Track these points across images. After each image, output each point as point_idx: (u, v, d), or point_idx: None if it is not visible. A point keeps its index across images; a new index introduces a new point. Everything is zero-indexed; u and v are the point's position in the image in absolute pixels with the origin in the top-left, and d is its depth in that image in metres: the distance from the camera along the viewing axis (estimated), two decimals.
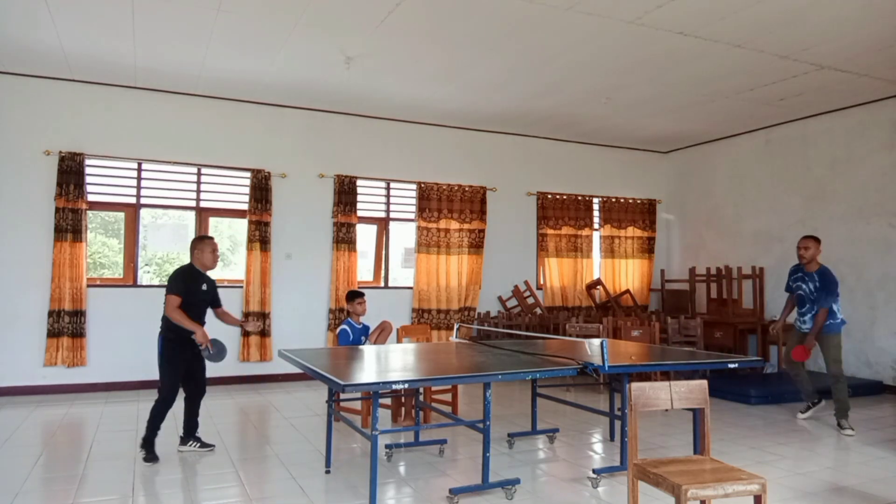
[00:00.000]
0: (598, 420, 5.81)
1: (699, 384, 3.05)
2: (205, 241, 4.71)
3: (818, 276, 5.72)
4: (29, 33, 5.72)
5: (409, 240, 9.04)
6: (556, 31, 5.52)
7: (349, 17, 5.31)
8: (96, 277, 7.50)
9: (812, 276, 5.76)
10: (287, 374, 7.66)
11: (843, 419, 5.54)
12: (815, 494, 3.87)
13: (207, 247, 4.68)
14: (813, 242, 5.79)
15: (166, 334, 4.55)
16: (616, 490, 3.94)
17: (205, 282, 4.68)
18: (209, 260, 4.68)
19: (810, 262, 5.78)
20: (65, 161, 6.85)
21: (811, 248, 5.77)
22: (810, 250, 5.76)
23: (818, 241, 5.82)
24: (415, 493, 3.88)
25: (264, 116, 7.87)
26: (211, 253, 4.68)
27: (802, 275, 5.85)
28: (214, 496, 3.77)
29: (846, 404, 5.57)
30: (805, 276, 5.83)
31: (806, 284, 5.80)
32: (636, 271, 10.02)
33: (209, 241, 4.73)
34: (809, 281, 5.77)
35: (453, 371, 3.74)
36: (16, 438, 5.01)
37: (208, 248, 4.68)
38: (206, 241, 4.72)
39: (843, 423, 5.51)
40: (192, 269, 4.65)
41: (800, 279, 5.87)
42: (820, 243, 5.83)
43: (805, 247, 5.79)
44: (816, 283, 5.70)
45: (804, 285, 5.81)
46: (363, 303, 5.77)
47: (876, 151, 7.51)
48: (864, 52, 5.95)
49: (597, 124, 8.75)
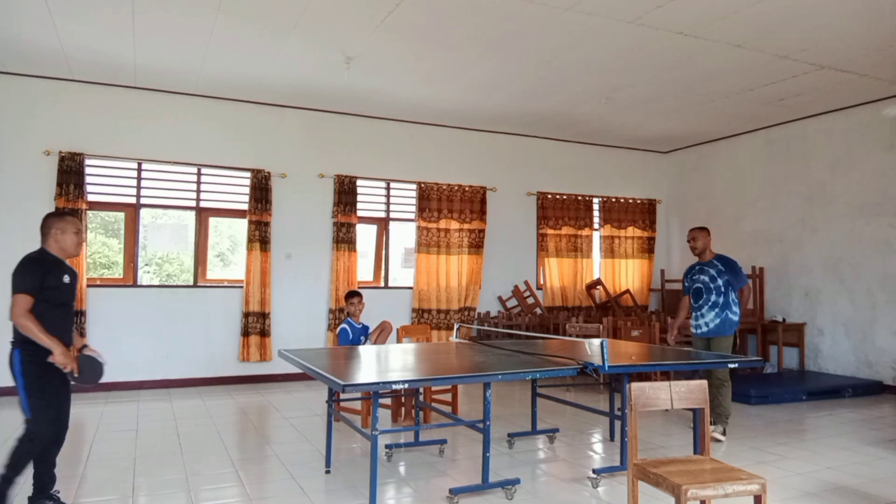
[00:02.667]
0: (598, 420, 5.81)
1: (699, 384, 3.05)
2: (66, 218, 3.52)
3: (718, 261, 5.40)
4: (29, 33, 5.72)
5: (409, 240, 9.04)
6: (556, 31, 5.52)
7: (349, 17, 5.31)
8: (96, 277, 7.50)
9: (710, 264, 5.42)
10: (287, 374, 7.66)
11: (723, 423, 5.20)
12: (815, 494, 3.87)
13: (70, 226, 3.49)
14: (700, 233, 5.48)
15: (23, 347, 3.27)
16: (616, 490, 3.94)
17: (66, 273, 3.48)
18: (71, 244, 3.49)
19: (703, 253, 5.46)
20: (65, 161, 6.85)
21: (699, 238, 5.46)
22: (698, 241, 5.45)
23: (706, 230, 5.51)
24: (415, 493, 3.88)
25: (264, 116, 7.87)
26: (75, 234, 3.50)
27: (700, 268, 5.49)
28: (214, 496, 3.77)
29: (728, 410, 5.23)
30: (702, 267, 5.47)
31: (704, 275, 5.42)
32: (636, 271, 10.01)
33: (71, 219, 3.53)
34: (709, 269, 5.40)
35: (453, 371, 3.74)
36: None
37: (71, 228, 3.48)
38: (68, 218, 3.53)
39: (716, 429, 5.17)
40: (46, 256, 3.45)
41: (697, 272, 5.51)
42: (709, 233, 5.52)
43: (692, 237, 5.49)
44: (719, 268, 5.36)
45: (702, 276, 5.44)
46: (361, 302, 5.77)
47: (876, 151, 7.51)
48: (864, 52, 5.95)
49: (597, 124, 8.75)
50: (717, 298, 5.34)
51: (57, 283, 3.39)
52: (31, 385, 3.27)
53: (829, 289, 7.96)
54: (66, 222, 3.49)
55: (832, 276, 7.93)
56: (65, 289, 3.45)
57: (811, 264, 8.20)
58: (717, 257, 5.46)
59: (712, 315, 5.35)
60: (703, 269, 5.46)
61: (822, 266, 8.07)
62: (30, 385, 3.26)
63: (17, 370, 3.27)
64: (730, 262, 5.41)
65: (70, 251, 3.51)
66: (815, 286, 8.14)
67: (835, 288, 7.90)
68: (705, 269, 5.44)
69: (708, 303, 5.38)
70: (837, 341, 7.85)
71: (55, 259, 3.48)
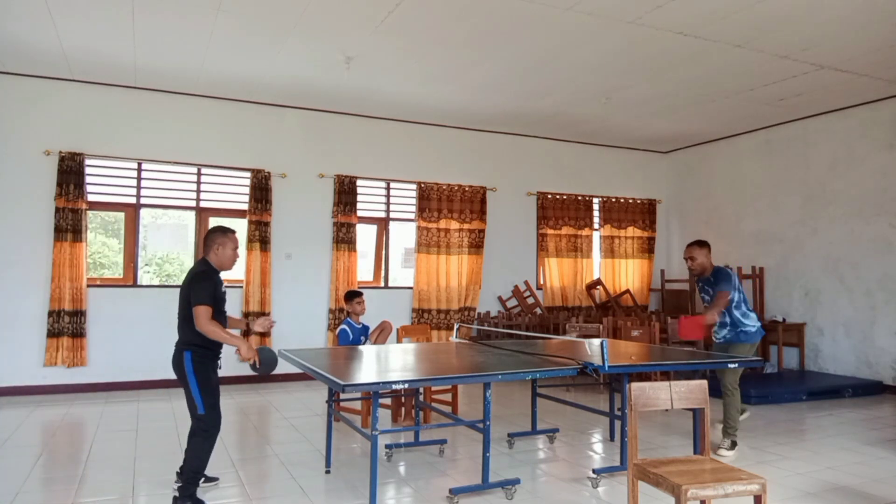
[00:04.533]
0: (598, 420, 5.81)
1: (699, 384, 3.05)
2: (228, 234, 3.76)
3: (713, 276, 4.96)
4: (29, 33, 5.72)
5: (409, 240, 9.04)
6: (556, 31, 5.52)
7: (349, 17, 5.31)
8: (96, 277, 7.50)
9: (708, 280, 5.00)
10: (287, 374, 7.66)
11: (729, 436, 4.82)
12: (815, 494, 3.87)
13: (231, 242, 3.74)
14: (698, 250, 4.98)
15: (193, 349, 3.58)
16: (616, 490, 3.94)
17: (222, 282, 3.82)
18: (229, 259, 3.76)
19: (703, 271, 5.02)
20: (65, 161, 6.85)
21: (697, 256, 4.97)
22: (697, 259, 4.97)
23: (704, 246, 5.02)
24: (415, 493, 3.88)
25: (264, 116, 7.87)
26: (233, 251, 3.77)
27: (702, 285, 5.12)
28: (214, 496, 3.77)
29: (733, 423, 4.83)
30: (703, 285, 5.10)
31: (706, 294, 5.07)
32: (636, 271, 10.01)
33: (233, 235, 3.78)
34: (708, 286, 5.02)
35: (453, 371, 3.74)
36: (16, 438, 5.01)
37: (231, 245, 3.74)
38: (230, 235, 3.77)
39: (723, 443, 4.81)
40: (211, 268, 3.71)
41: (701, 289, 5.15)
42: (708, 248, 5.04)
43: (690, 256, 5.00)
44: (712, 282, 4.97)
45: (704, 295, 5.10)
46: (362, 302, 5.77)
47: (876, 151, 7.51)
48: (864, 52, 5.95)
49: (597, 124, 8.75)
50: (723, 318, 4.94)
51: (220, 294, 3.70)
52: (203, 382, 3.56)
53: (829, 289, 7.96)
54: (227, 238, 3.76)
55: (832, 276, 7.93)
56: (222, 296, 3.76)
57: (811, 264, 8.20)
58: (713, 272, 5.00)
59: (725, 332, 4.99)
60: (703, 288, 5.10)
61: (822, 266, 8.07)
62: (201, 382, 3.56)
63: (188, 369, 3.55)
64: (720, 275, 4.92)
65: (226, 265, 3.79)
66: (815, 286, 8.14)
67: (835, 288, 7.89)
68: (705, 288, 5.07)
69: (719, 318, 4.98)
70: (837, 341, 7.85)
71: (215, 270, 3.75)
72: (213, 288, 3.59)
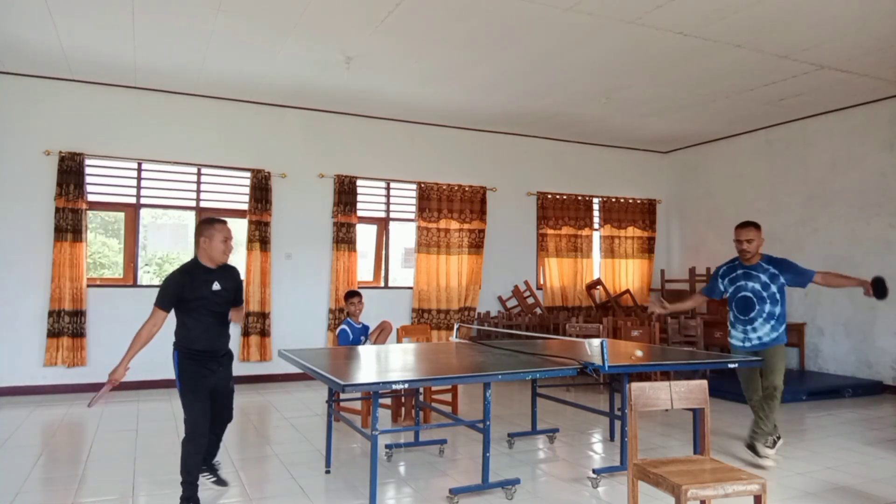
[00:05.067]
0: (598, 420, 5.81)
1: (699, 384, 3.05)
2: (215, 225, 3.53)
3: (769, 264, 4.60)
4: (29, 33, 5.72)
5: (409, 240, 9.04)
6: (556, 31, 5.52)
7: (349, 17, 5.31)
8: (96, 277, 7.50)
9: (758, 267, 4.60)
10: (287, 374, 7.66)
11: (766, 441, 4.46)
12: (815, 494, 3.87)
13: (218, 233, 3.50)
14: (756, 231, 4.59)
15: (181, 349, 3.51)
16: (616, 490, 3.94)
17: (217, 280, 3.52)
18: (219, 251, 3.51)
19: (753, 256, 4.64)
20: (65, 161, 6.85)
21: (755, 238, 4.58)
22: (754, 242, 4.57)
23: (760, 228, 4.65)
24: (415, 493, 3.88)
25: (264, 116, 7.86)
26: (223, 242, 3.51)
27: (743, 272, 4.66)
28: (215, 496, 3.77)
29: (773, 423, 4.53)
30: (747, 271, 4.64)
31: (752, 281, 4.60)
32: (636, 271, 10.01)
33: (220, 225, 3.54)
34: (758, 273, 4.58)
35: (453, 371, 3.74)
36: (16, 438, 5.01)
37: (219, 236, 3.50)
38: (217, 225, 3.53)
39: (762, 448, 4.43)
40: (195, 266, 3.53)
41: (740, 277, 4.67)
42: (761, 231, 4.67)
43: (747, 238, 4.57)
44: (771, 272, 4.57)
45: (750, 283, 4.61)
46: (361, 302, 5.77)
47: (876, 151, 7.51)
48: (864, 52, 5.94)
49: (597, 124, 8.75)
50: (772, 309, 4.56)
51: (202, 292, 3.45)
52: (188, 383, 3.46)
53: (829, 289, 7.95)
54: (213, 229, 3.51)
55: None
56: (212, 296, 3.49)
57: (811, 264, 8.07)
58: (765, 259, 4.63)
59: (767, 328, 4.57)
60: (749, 275, 4.61)
61: (823, 266, 8.04)
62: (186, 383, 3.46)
63: (175, 369, 3.48)
64: (784, 261, 4.61)
65: (217, 258, 3.53)
66: (815, 286, 8.11)
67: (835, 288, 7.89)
68: (753, 275, 4.60)
69: (762, 314, 4.57)
70: (837, 341, 7.84)
71: (203, 268, 3.52)
72: (178, 289, 3.41)
